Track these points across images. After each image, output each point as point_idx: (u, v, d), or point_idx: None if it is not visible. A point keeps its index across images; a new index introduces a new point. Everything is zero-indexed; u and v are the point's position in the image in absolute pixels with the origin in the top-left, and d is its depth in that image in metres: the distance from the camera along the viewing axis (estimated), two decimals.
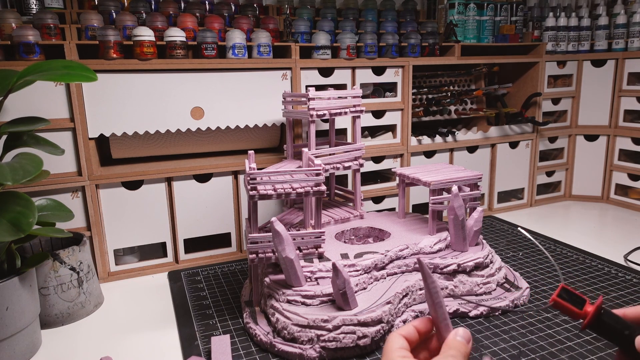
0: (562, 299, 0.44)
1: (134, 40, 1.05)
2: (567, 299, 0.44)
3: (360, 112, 1.08)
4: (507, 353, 0.78)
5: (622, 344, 0.43)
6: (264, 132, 1.25)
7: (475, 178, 1.02)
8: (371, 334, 0.77)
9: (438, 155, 1.42)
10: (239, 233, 1.21)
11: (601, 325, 0.43)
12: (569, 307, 0.44)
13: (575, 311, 0.44)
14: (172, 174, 1.12)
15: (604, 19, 1.54)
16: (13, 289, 0.76)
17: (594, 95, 1.58)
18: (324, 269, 0.84)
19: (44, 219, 0.87)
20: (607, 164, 1.59)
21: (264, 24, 1.25)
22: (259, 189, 0.81)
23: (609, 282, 1.02)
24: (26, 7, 1.15)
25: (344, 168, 1.06)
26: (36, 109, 0.99)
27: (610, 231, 1.35)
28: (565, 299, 0.44)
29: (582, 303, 0.44)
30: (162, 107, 1.09)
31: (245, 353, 0.79)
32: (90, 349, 0.83)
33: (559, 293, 0.44)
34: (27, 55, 0.98)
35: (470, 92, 1.48)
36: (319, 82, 1.22)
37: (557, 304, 0.44)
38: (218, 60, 1.11)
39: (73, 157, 1.04)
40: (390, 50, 1.30)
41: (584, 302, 0.44)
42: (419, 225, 1.05)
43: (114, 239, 1.10)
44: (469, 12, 1.48)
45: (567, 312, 0.44)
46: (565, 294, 0.44)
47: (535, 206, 1.61)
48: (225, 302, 0.97)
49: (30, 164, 0.75)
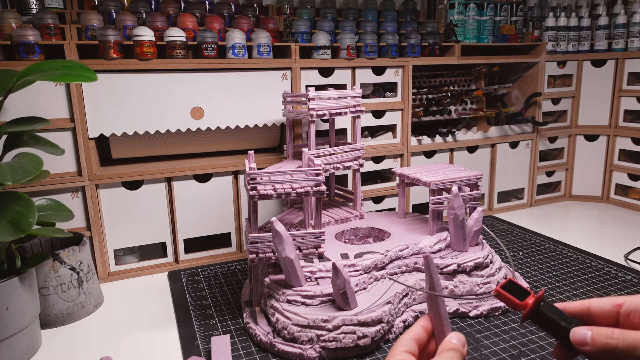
0: (506, 291, 0.45)
1: (134, 40, 1.05)
2: (511, 290, 0.45)
3: (360, 112, 1.08)
4: (507, 353, 0.78)
5: (560, 336, 0.44)
6: (264, 132, 1.25)
7: (475, 178, 1.02)
8: (371, 334, 0.77)
9: (438, 155, 1.42)
10: (239, 233, 1.21)
11: (540, 317, 0.45)
12: (510, 298, 0.45)
13: (516, 302, 0.45)
14: (172, 174, 1.12)
15: (604, 19, 1.54)
16: (13, 289, 0.76)
17: (594, 95, 1.58)
18: (324, 269, 0.84)
19: (44, 219, 0.87)
20: (607, 164, 1.59)
21: (264, 24, 1.25)
22: (259, 189, 0.81)
23: (609, 282, 1.02)
24: (26, 7, 1.15)
25: (344, 168, 1.06)
26: (36, 109, 0.99)
27: (610, 231, 1.35)
28: (508, 291, 0.45)
29: (526, 295, 0.45)
30: (162, 107, 1.09)
31: (245, 353, 0.79)
32: (90, 349, 0.83)
33: (503, 285, 0.46)
34: (27, 55, 0.98)
35: (470, 92, 1.48)
36: (319, 82, 1.22)
37: (499, 295, 0.46)
38: (218, 60, 1.11)
39: (73, 157, 1.04)
40: (390, 50, 1.30)
41: (527, 295, 0.45)
42: (419, 225, 1.05)
43: (114, 239, 1.10)
44: (469, 12, 1.48)
45: (508, 303, 0.46)
46: (510, 286, 0.46)
47: (535, 206, 1.61)
48: (225, 302, 0.97)
49: (30, 164, 0.75)
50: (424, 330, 0.44)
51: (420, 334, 0.44)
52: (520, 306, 0.45)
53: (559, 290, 0.99)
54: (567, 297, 0.96)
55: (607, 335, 0.40)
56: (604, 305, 0.44)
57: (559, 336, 0.44)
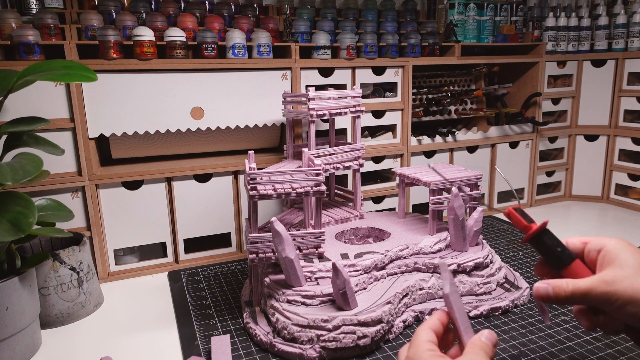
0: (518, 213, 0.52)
1: (134, 40, 1.05)
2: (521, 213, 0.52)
3: (360, 112, 1.08)
4: (507, 353, 0.78)
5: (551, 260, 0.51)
6: (264, 132, 1.25)
7: (475, 178, 1.02)
8: (371, 334, 0.77)
9: (438, 155, 1.42)
10: (239, 233, 1.21)
11: (540, 241, 0.51)
12: (519, 219, 0.52)
13: (524, 222, 0.51)
14: (172, 174, 1.12)
15: (604, 19, 1.54)
16: (13, 289, 0.76)
17: (594, 95, 1.58)
18: (324, 269, 0.84)
19: (44, 219, 0.87)
20: (607, 164, 1.59)
21: (264, 24, 1.25)
22: (259, 189, 0.81)
23: None
24: (26, 7, 1.15)
25: (344, 168, 1.06)
26: (36, 109, 0.99)
27: (610, 231, 1.35)
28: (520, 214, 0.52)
29: (531, 222, 0.52)
30: (162, 107, 1.09)
31: (245, 353, 0.79)
32: (90, 349, 0.83)
33: (515, 208, 0.52)
34: (27, 55, 0.98)
35: (470, 92, 1.48)
36: (319, 82, 1.22)
37: (510, 215, 0.52)
38: (218, 60, 1.11)
39: (73, 157, 1.04)
40: (390, 50, 1.30)
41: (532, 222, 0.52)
42: (419, 225, 1.05)
43: (114, 239, 1.10)
44: (469, 12, 1.48)
45: (517, 223, 0.52)
46: (520, 211, 0.52)
47: (535, 206, 1.61)
48: (225, 302, 0.97)
49: (30, 164, 0.75)
50: (439, 321, 0.47)
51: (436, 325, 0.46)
52: (527, 227, 0.51)
53: None
54: None
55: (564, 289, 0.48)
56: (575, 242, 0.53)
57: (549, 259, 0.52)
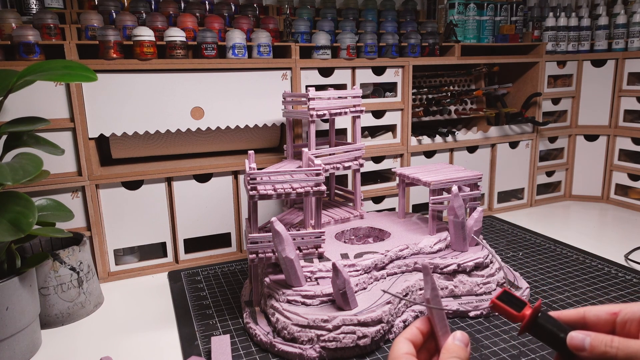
0: (502, 302, 0.43)
1: (134, 40, 1.05)
2: (507, 302, 0.43)
3: (360, 112, 1.08)
4: (507, 353, 0.78)
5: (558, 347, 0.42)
6: (264, 132, 1.25)
7: (475, 178, 1.02)
8: (371, 334, 0.77)
9: (438, 155, 1.42)
10: (239, 233, 1.21)
11: (538, 328, 0.43)
12: (507, 310, 0.43)
13: (514, 314, 0.43)
14: (172, 174, 1.12)
15: (604, 19, 1.54)
16: (13, 289, 0.76)
17: (594, 95, 1.58)
18: (324, 269, 0.84)
19: (44, 219, 0.87)
20: (607, 164, 1.59)
21: (264, 24, 1.25)
22: (259, 189, 0.81)
23: (609, 282, 1.02)
24: (26, 7, 1.15)
25: (344, 168, 1.06)
26: (36, 109, 0.99)
27: (610, 231, 1.35)
28: (505, 302, 0.43)
29: (522, 306, 0.43)
30: (162, 107, 1.09)
31: (245, 353, 0.79)
32: (90, 349, 0.83)
33: (499, 296, 0.43)
34: (27, 55, 0.98)
35: (470, 92, 1.47)
36: (319, 82, 1.22)
37: (495, 307, 0.43)
38: (218, 60, 1.11)
39: (73, 157, 1.04)
40: (390, 50, 1.30)
41: (524, 306, 0.43)
42: (419, 225, 1.05)
43: (114, 239, 1.10)
44: (469, 12, 1.48)
45: (505, 314, 0.43)
46: (505, 297, 0.43)
47: (535, 206, 1.61)
48: (225, 302, 0.97)
49: (30, 164, 0.75)
50: (418, 330, 0.43)
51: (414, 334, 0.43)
52: (517, 317, 0.43)
53: (559, 290, 0.99)
54: (567, 297, 0.96)
55: (606, 343, 0.39)
56: (599, 313, 0.42)
57: (557, 347, 0.42)
